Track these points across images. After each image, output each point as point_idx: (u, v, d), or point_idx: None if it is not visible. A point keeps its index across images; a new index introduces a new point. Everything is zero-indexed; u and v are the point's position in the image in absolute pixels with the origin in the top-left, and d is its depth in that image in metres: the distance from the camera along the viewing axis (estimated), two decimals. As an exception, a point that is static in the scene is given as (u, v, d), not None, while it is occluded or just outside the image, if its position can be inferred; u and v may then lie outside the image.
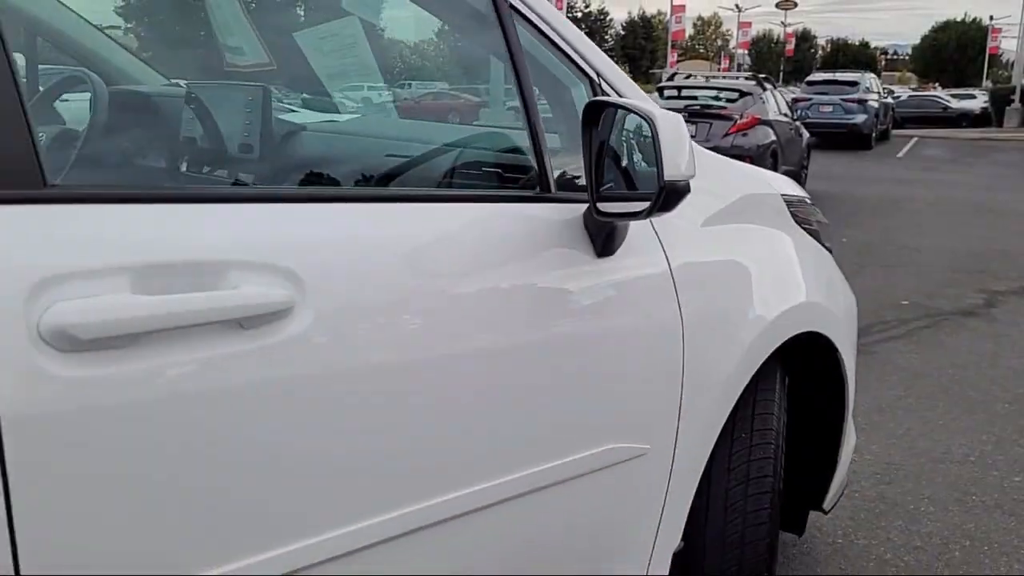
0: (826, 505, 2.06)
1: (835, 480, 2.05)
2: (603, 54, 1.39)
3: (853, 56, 60.28)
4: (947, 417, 3.30)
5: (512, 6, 1.21)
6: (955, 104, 29.52)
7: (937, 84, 50.38)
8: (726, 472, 1.55)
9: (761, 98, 9.30)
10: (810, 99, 17.64)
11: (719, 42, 77.59)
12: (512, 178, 1.32)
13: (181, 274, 0.86)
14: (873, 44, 73.41)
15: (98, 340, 0.79)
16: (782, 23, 59.41)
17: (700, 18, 78.12)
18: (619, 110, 1.21)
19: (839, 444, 2.01)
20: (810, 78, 20.22)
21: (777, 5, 55.56)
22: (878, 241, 7.22)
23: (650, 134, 1.15)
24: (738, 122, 8.58)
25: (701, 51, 77.46)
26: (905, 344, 4.29)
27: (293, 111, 1.99)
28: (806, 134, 10.65)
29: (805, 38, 64.84)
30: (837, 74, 20.11)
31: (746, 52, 59.22)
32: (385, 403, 1.02)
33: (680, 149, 1.13)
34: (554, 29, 1.29)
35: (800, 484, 2.02)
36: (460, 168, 1.37)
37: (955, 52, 57.07)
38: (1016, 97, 26.84)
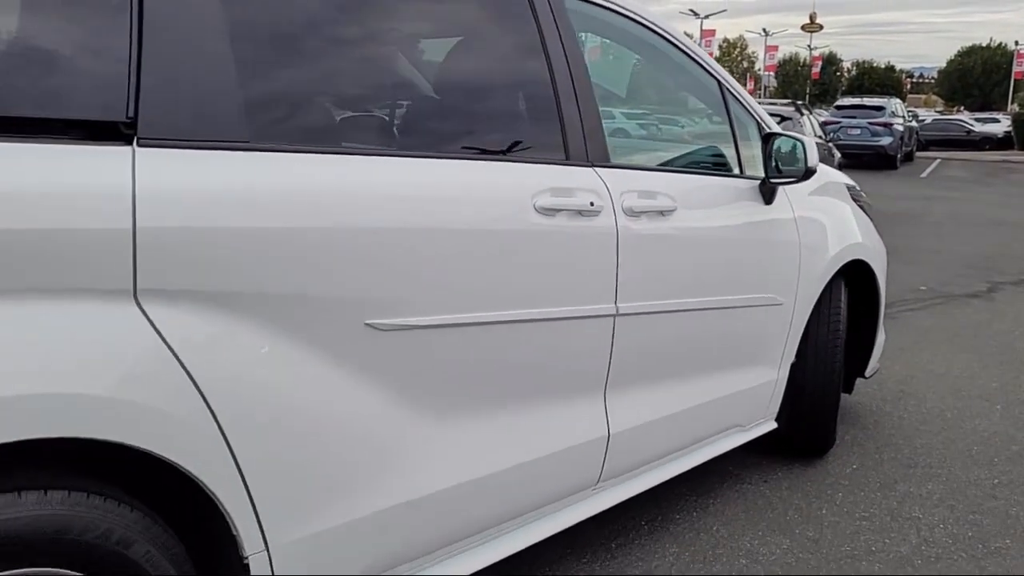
0: (867, 373, 3.43)
1: (872, 358, 3.41)
2: (760, 107, 2.79)
3: (879, 79, 60.66)
4: (948, 354, 4.64)
5: (729, 91, 2.62)
6: (978, 128, 30.41)
7: (962, 108, 51.24)
8: (816, 327, 2.93)
9: (799, 122, 10.68)
10: (839, 122, 18.81)
11: (744, 64, 78.79)
12: (726, 167, 2.69)
13: (646, 195, 2.19)
14: (899, 67, 73.64)
15: (647, 213, 2.14)
16: (808, 46, 60.35)
17: (726, 40, 79.26)
18: (780, 136, 2.60)
19: (875, 335, 3.38)
20: (839, 103, 21.35)
21: (803, 27, 56.58)
22: (901, 245, 8.43)
23: (794, 147, 2.55)
24: (779, 143, 9.88)
25: (727, 73, 78.52)
26: (921, 314, 5.63)
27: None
28: (837, 154, 11.97)
29: (831, 61, 65.50)
30: (864, 99, 21.28)
31: (772, 75, 60.19)
32: (696, 247, 2.37)
33: (813, 153, 2.54)
34: (744, 98, 2.69)
35: (852, 361, 3.38)
36: (702, 161, 2.78)
37: (981, 76, 57.86)
38: (1038, 121, 27.77)
